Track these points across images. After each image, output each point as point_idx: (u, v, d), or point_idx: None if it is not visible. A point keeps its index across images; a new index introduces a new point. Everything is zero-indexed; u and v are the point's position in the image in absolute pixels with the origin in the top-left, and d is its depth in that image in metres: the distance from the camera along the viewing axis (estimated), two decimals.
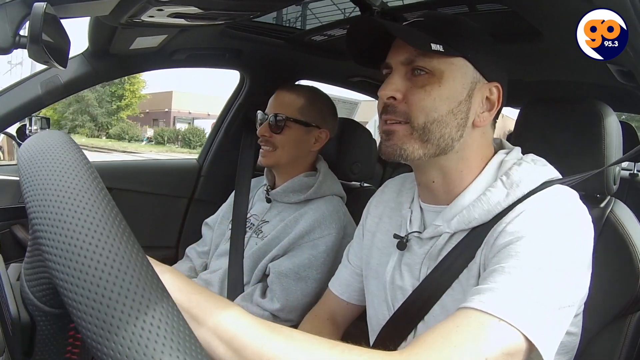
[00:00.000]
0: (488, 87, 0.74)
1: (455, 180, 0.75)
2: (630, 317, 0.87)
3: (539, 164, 0.73)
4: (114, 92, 25.39)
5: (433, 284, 0.73)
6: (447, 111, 0.71)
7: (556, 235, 0.63)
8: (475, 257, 0.69)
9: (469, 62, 0.72)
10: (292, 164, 1.32)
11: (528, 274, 0.59)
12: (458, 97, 0.71)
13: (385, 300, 0.82)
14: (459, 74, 0.71)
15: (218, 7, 1.09)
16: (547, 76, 1.52)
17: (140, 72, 2.12)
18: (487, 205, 0.70)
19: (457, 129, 0.72)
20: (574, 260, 0.63)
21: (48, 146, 0.37)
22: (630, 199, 2.15)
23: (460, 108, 0.71)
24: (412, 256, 0.79)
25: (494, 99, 0.74)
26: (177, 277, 0.49)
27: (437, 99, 0.70)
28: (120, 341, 0.28)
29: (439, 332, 0.56)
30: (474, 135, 0.74)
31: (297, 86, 1.40)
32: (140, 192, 1.80)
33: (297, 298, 1.17)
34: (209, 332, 0.48)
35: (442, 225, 0.74)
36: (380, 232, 0.88)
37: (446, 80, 0.70)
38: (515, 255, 0.61)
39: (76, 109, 24.58)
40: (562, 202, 0.67)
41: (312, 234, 1.20)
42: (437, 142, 0.71)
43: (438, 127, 0.71)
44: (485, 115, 0.74)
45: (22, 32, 0.81)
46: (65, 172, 0.34)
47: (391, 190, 0.91)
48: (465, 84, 0.72)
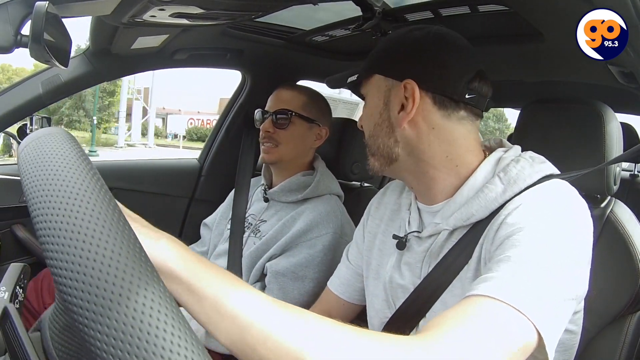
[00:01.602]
0: (401, 87, 0.74)
1: (428, 182, 0.77)
2: (630, 317, 0.87)
3: (537, 161, 0.73)
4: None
5: (434, 282, 0.74)
6: (374, 124, 0.79)
7: (557, 227, 0.62)
8: (474, 251, 0.70)
9: (381, 75, 0.78)
10: (293, 162, 1.33)
11: (535, 265, 0.57)
12: (377, 109, 0.78)
13: (386, 300, 0.83)
14: (374, 89, 0.79)
15: (219, 7, 1.09)
16: (547, 77, 1.52)
17: (142, 72, 2.12)
18: (485, 201, 0.70)
19: (388, 137, 0.77)
20: (575, 253, 0.62)
21: (48, 144, 0.37)
22: (630, 199, 2.14)
23: (382, 117, 0.77)
24: (412, 255, 0.79)
25: (409, 95, 0.74)
26: (174, 243, 0.46)
27: (365, 117, 0.81)
28: (114, 322, 0.28)
29: (453, 319, 0.53)
30: (415, 135, 0.75)
31: (296, 84, 1.42)
32: (141, 192, 1.80)
33: (294, 297, 1.16)
34: (211, 306, 0.43)
35: (441, 222, 0.74)
36: (380, 234, 0.89)
37: (368, 100, 0.81)
38: (518, 245, 0.60)
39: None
40: (560, 195, 0.67)
41: (309, 233, 1.20)
42: (380, 152, 0.78)
43: (374, 140, 0.79)
44: (402, 114, 0.74)
45: (24, 31, 0.81)
46: (66, 171, 0.34)
47: (393, 192, 0.92)
48: (380, 94, 0.78)
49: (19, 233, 1.52)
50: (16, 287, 0.52)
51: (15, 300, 0.52)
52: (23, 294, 0.55)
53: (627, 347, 0.86)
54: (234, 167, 1.57)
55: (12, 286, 0.52)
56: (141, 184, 1.80)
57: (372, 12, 1.19)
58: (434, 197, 0.78)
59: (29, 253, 1.53)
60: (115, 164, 1.91)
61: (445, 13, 1.15)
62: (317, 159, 1.39)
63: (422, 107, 0.74)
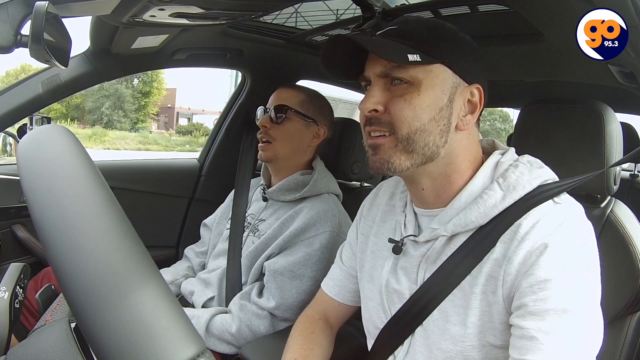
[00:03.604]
0: (469, 90, 0.73)
1: (445, 185, 0.75)
2: (630, 317, 0.87)
3: (535, 166, 0.72)
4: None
5: (433, 289, 0.73)
6: (428, 119, 0.70)
7: (585, 275, 0.64)
8: (484, 265, 0.69)
9: (448, 68, 0.71)
10: (290, 160, 1.33)
11: (567, 330, 0.61)
12: (439, 103, 0.70)
13: (381, 304, 0.81)
14: (438, 81, 0.70)
15: (219, 7, 1.09)
16: (547, 77, 1.52)
17: (142, 72, 2.13)
18: (484, 208, 0.69)
19: (441, 136, 0.71)
20: (597, 297, 0.65)
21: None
22: (630, 199, 2.15)
23: (442, 114, 0.70)
24: (408, 259, 0.78)
25: (476, 100, 0.73)
26: None
27: (418, 107, 0.70)
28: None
29: None
30: (459, 139, 0.73)
31: (297, 84, 1.43)
32: (141, 192, 1.80)
33: (292, 296, 1.17)
34: None
35: (439, 228, 0.73)
36: (373, 235, 0.88)
37: (425, 89, 0.70)
38: (547, 301, 0.62)
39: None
40: (580, 231, 0.66)
41: (307, 232, 1.20)
42: (422, 151, 0.71)
43: (421, 136, 0.70)
44: (468, 118, 0.73)
45: (24, 31, 0.81)
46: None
47: (384, 193, 0.91)
48: (446, 89, 0.71)
49: (19, 233, 1.52)
50: (16, 287, 0.52)
51: (16, 300, 0.52)
52: (23, 294, 0.55)
53: (627, 347, 0.86)
54: (234, 167, 1.57)
55: (12, 286, 0.52)
56: (141, 184, 1.80)
57: (372, 12, 1.19)
58: (438, 202, 0.76)
59: (29, 253, 1.53)
60: (115, 164, 1.91)
61: (445, 13, 1.15)
62: (316, 158, 1.39)
63: None
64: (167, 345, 0.28)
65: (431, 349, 0.73)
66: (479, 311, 0.68)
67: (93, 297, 0.29)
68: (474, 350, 0.69)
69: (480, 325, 0.68)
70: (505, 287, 0.66)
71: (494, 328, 0.67)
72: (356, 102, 5.79)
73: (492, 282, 0.67)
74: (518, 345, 0.62)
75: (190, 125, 27.65)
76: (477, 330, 0.68)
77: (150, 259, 0.32)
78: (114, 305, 0.29)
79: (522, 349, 0.62)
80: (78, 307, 0.29)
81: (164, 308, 0.30)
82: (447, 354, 0.70)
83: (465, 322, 0.69)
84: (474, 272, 0.69)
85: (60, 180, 0.34)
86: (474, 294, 0.68)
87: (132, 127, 25.78)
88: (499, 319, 0.67)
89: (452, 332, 0.70)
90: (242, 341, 1.14)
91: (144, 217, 1.79)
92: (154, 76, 25.73)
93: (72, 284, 0.29)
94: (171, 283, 1.37)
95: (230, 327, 1.14)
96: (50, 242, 0.31)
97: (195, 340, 0.29)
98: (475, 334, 0.68)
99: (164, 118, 30.08)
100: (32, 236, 1.53)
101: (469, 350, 0.69)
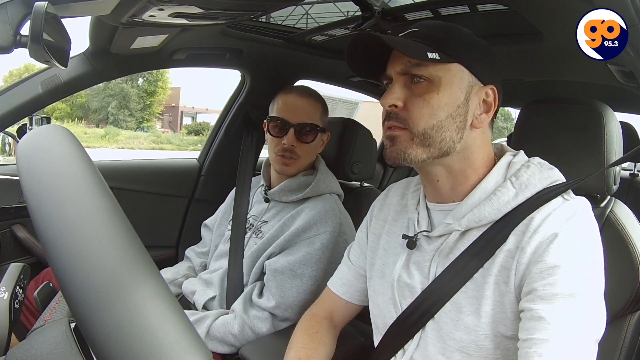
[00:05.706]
0: (484, 90, 0.77)
1: (460, 179, 0.78)
2: (630, 316, 0.87)
3: (546, 167, 0.76)
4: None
5: (445, 284, 0.75)
6: (446, 116, 0.74)
7: (591, 264, 0.68)
8: (497, 256, 0.71)
9: (465, 67, 0.75)
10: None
11: (573, 313, 0.64)
12: (456, 101, 0.74)
13: (392, 299, 0.83)
14: (455, 79, 0.74)
15: (219, 7, 1.09)
16: (547, 76, 1.52)
17: (141, 72, 2.13)
18: (497, 204, 0.73)
19: (457, 132, 0.75)
20: (601, 288, 0.68)
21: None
22: (630, 199, 2.14)
23: (459, 111, 0.75)
24: (421, 254, 0.80)
25: (490, 101, 0.78)
26: None
27: (436, 105, 0.74)
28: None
29: None
30: (474, 136, 0.77)
31: (309, 90, 1.37)
32: (141, 192, 1.80)
33: (292, 295, 1.17)
34: None
35: (453, 223, 0.76)
36: (385, 234, 0.90)
37: (444, 87, 0.74)
38: (555, 285, 0.65)
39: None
40: (589, 225, 0.71)
41: (308, 231, 1.20)
42: (439, 145, 0.75)
43: (438, 131, 0.74)
44: (483, 117, 0.77)
45: (23, 31, 0.81)
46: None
47: (395, 194, 0.93)
48: (462, 88, 0.75)
49: (19, 233, 1.52)
50: (16, 287, 0.52)
51: (15, 300, 0.52)
52: (23, 294, 0.55)
53: (627, 347, 0.86)
54: (234, 167, 1.56)
55: (12, 286, 0.52)
56: (141, 184, 1.80)
57: (371, 12, 1.19)
58: (452, 196, 0.79)
59: (29, 253, 1.53)
60: (115, 163, 1.91)
61: (444, 12, 1.15)
62: (317, 159, 1.39)
63: None
64: (167, 344, 0.28)
65: (444, 340, 0.75)
66: (492, 300, 0.71)
67: (93, 298, 0.29)
68: (487, 340, 0.71)
69: (493, 315, 0.71)
70: (517, 277, 0.69)
71: (506, 318, 0.70)
72: (356, 102, 5.79)
73: (504, 272, 0.71)
74: (526, 326, 0.66)
75: (197, 125, 28.03)
76: (490, 319, 0.71)
77: (150, 260, 0.32)
78: (113, 306, 0.29)
79: (530, 329, 0.65)
80: (78, 308, 0.29)
81: (162, 308, 0.30)
82: (461, 343, 0.73)
83: (479, 311, 0.71)
84: (486, 264, 0.72)
85: (60, 180, 0.34)
86: (487, 284, 0.71)
87: (138, 127, 25.91)
88: (511, 309, 0.70)
89: (466, 322, 0.72)
90: (244, 341, 1.15)
91: (143, 217, 1.79)
92: (158, 75, 25.98)
93: (72, 284, 0.29)
94: (171, 282, 1.37)
95: (233, 328, 1.14)
96: (50, 243, 0.31)
97: (195, 340, 0.29)
98: (488, 324, 0.71)
99: (168, 117, 30.34)
100: (32, 236, 1.53)
101: (482, 339, 0.71)
